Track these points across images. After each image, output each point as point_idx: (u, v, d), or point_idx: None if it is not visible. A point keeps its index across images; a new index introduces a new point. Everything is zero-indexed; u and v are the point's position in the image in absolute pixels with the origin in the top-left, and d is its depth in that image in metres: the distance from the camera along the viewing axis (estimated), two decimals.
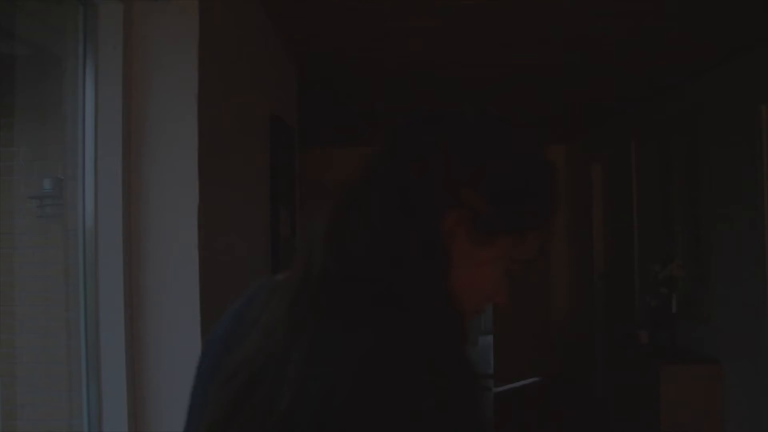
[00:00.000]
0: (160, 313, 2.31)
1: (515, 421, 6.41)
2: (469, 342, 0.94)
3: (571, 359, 7.87)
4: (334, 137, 7.38)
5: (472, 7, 3.47)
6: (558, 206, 0.99)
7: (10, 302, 2.48)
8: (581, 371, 7.43)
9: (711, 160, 4.84)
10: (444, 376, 0.82)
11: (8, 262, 2.50)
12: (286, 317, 0.90)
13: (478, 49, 4.21)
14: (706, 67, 4.66)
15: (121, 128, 2.27)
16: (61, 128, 2.37)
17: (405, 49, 4.21)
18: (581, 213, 7.57)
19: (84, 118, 2.26)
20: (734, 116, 4.52)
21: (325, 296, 0.89)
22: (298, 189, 4.51)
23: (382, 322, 0.86)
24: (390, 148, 0.96)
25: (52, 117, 2.50)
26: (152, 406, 2.30)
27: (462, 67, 4.64)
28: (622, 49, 4.21)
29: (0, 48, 2.41)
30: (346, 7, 3.44)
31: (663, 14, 3.59)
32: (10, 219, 2.53)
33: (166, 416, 2.30)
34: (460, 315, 0.94)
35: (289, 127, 4.12)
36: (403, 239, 0.90)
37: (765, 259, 4.12)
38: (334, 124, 6.67)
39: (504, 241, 0.95)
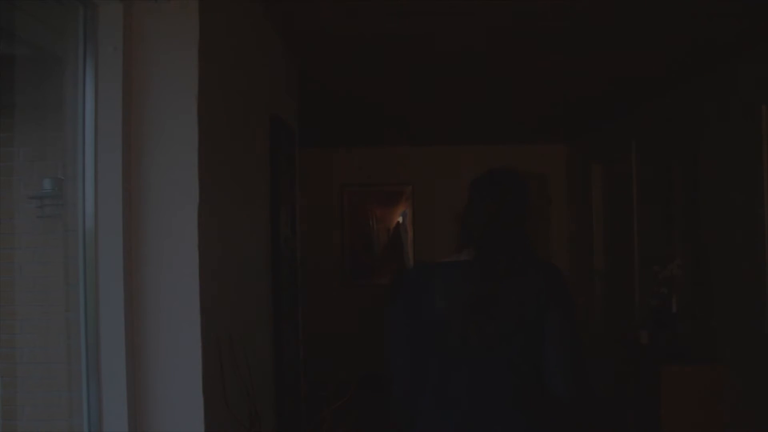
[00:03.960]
0: (160, 313, 2.31)
1: None
2: None
3: None
4: (334, 137, 7.38)
5: (473, 7, 3.47)
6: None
7: (10, 302, 2.48)
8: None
9: (711, 160, 4.84)
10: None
11: (8, 262, 2.50)
12: (494, 275, 2.15)
13: (477, 49, 4.21)
14: (706, 67, 4.67)
15: (121, 128, 2.27)
16: (61, 128, 2.37)
17: (406, 49, 4.21)
18: (581, 213, 7.56)
19: (84, 118, 2.26)
20: (734, 116, 4.52)
21: (506, 267, 2.16)
22: (298, 189, 4.51)
23: (542, 262, 2.26)
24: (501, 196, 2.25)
25: (52, 117, 2.50)
26: (152, 405, 2.30)
27: (461, 68, 4.65)
28: (623, 48, 4.21)
29: (0, 48, 2.41)
30: (347, 6, 3.44)
31: (663, 14, 3.59)
32: (10, 219, 2.53)
33: (166, 416, 2.30)
34: None
35: (289, 127, 4.12)
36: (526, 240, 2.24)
37: (765, 258, 4.12)
38: (334, 124, 6.66)
39: None
